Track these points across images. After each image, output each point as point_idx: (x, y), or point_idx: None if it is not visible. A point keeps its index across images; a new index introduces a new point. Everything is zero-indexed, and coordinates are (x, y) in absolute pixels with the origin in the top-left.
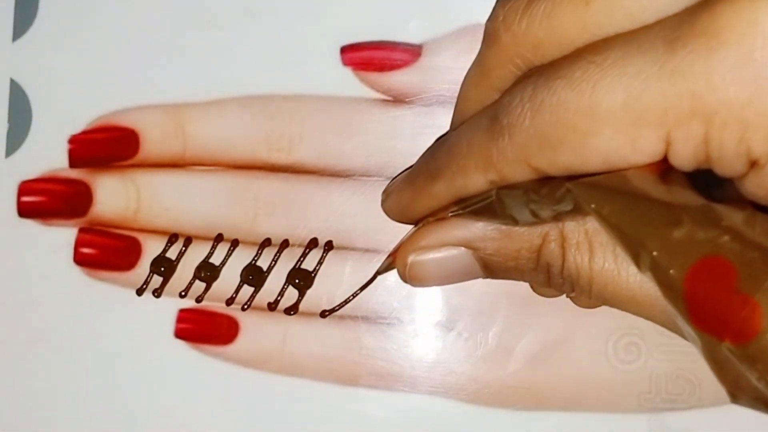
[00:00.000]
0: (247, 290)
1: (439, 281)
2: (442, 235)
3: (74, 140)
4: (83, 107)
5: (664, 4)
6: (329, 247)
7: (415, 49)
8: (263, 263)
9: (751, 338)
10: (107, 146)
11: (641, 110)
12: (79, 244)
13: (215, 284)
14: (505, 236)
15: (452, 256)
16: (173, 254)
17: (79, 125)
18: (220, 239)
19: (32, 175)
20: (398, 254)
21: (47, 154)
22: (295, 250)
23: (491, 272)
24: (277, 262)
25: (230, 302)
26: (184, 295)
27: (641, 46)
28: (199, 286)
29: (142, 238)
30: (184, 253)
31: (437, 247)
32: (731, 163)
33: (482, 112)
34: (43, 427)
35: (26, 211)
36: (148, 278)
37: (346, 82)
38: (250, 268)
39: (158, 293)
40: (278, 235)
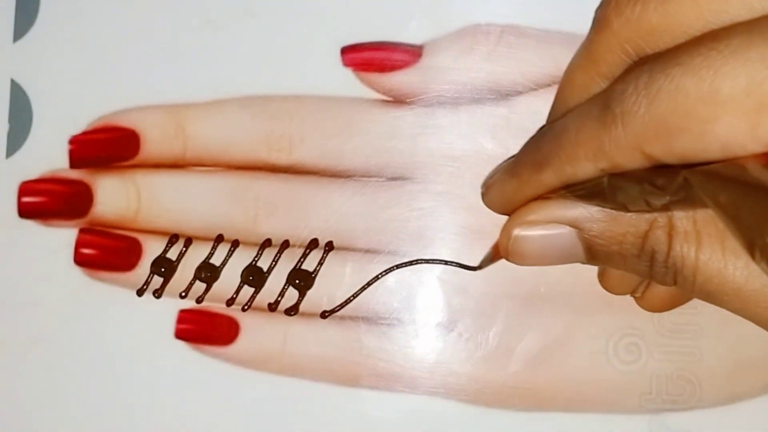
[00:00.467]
0: (247, 291)
1: (539, 259)
2: (550, 211)
3: (75, 141)
4: (84, 108)
5: None
6: (330, 247)
7: (415, 49)
8: (264, 264)
9: None
10: (108, 147)
11: (763, 96)
12: (79, 244)
13: (216, 285)
14: (612, 219)
15: (558, 234)
16: (174, 255)
17: (79, 126)
18: (220, 240)
19: (33, 175)
20: (504, 228)
21: (48, 154)
22: (295, 250)
23: (593, 255)
24: (277, 262)
25: (231, 303)
26: (184, 295)
27: (764, 33)
28: (199, 286)
29: (142, 238)
30: (184, 253)
31: (544, 222)
32: None
33: (591, 100)
34: (43, 427)
35: (27, 211)
36: (148, 279)
37: (346, 82)
38: (250, 268)
39: (159, 294)
40: (279, 235)
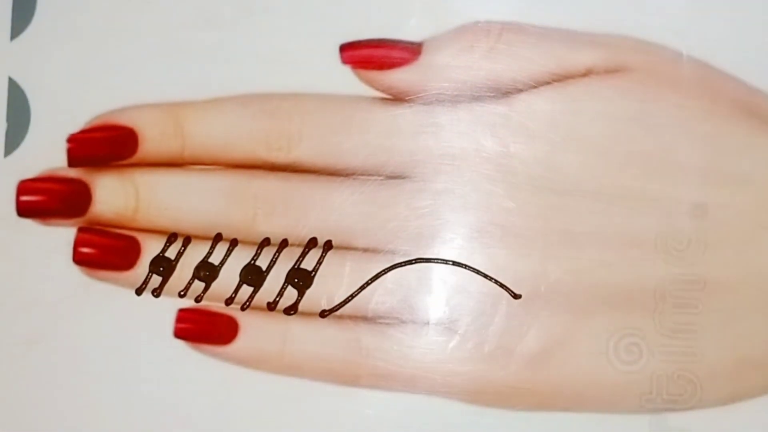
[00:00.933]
0: (246, 290)
1: None
2: None
3: (73, 139)
4: (82, 106)
5: None
6: (328, 246)
7: (415, 47)
8: (262, 263)
9: None
10: (106, 145)
11: None
12: (78, 243)
13: (214, 284)
14: None
15: None
16: (172, 254)
17: (77, 124)
18: (219, 239)
19: (31, 174)
20: None
21: (46, 153)
22: (294, 249)
23: None
24: (276, 261)
25: (229, 302)
26: (183, 294)
27: None
28: (198, 285)
29: (141, 237)
30: (183, 252)
31: None
32: None
33: None
34: (43, 426)
35: (25, 210)
36: (147, 278)
37: (345, 80)
38: (249, 267)
39: (157, 293)
40: (277, 234)
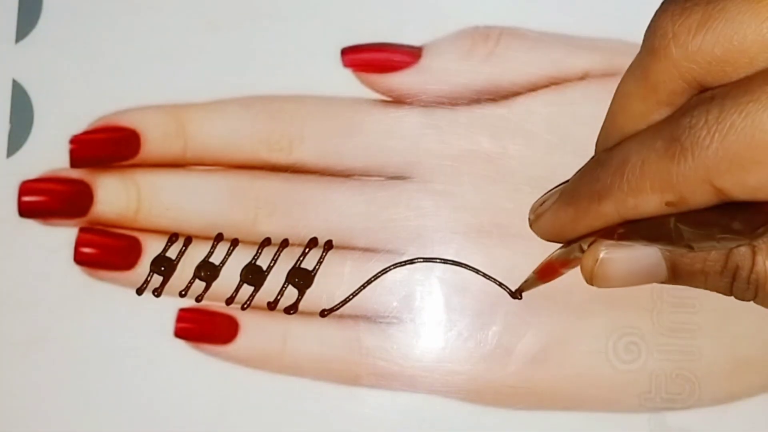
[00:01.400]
0: (246, 290)
1: (623, 281)
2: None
3: (75, 140)
4: (85, 107)
5: None
6: (329, 246)
7: (415, 51)
8: (263, 263)
9: None
10: (108, 146)
11: None
12: (79, 243)
13: (215, 284)
14: None
15: (643, 253)
16: (173, 254)
17: (80, 125)
18: (220, 239)
19: (33, 174)
20: (587, 253)
21: (48, 154)
22: (294, 249)
23: (676, 274)
24: (276, 261)
25: (230, 302)
26: (184, 294)
27: None
28: (199, 285)
29: (142, 237)
30: (184, 252)
31: (628, 246)
32: None
33: (654, 131)
34: (43, 426)
35: (27, 210)
36: (148, 278)
37: (346, 83)
38: (249, 267)
39: (158, 293)
40: (278, 234)
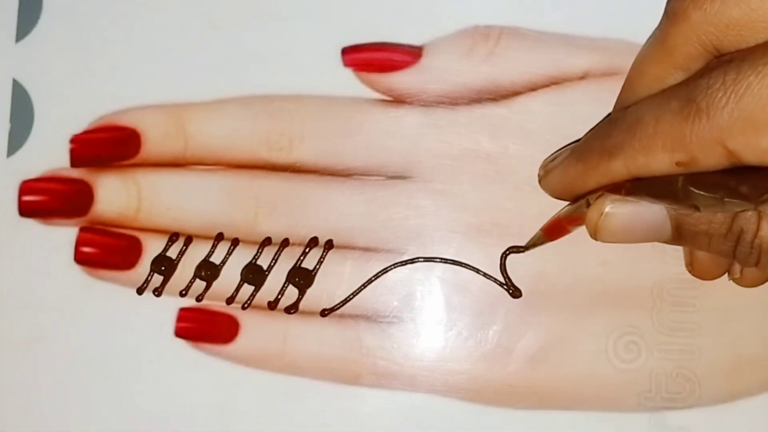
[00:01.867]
0: (247, 289)
1: (627, 236)
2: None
3: (76, 140)
4: (85, 107)
5: None
6: (329, 246)
7: (415, 50)
8: (263, 262)
9: None
10: (109, 146)
11: None
12: (79, 243)
13: (215, 283)
14: None
15: (649, 210)
16: (174, 253)
17: (80, 125)
18: (220, 238)
19: (33, 174)
20: (593, 204)
21: (49, 153)
22: (295, 249)
23: (680, 234)
24: (277, 261)
25: (230, 301)
26: (184, 294)
27: None
28: (199, 285)
29: (142, 237)
30: (184, 252)
31: (634, 201)
32: None
33: (670, 92)
34: (43, 426)
35: (27, 210)
36: (148, 277)
37: (347, 82)
38: (250, 267)
39: (159, 292)
40: (278, 234)
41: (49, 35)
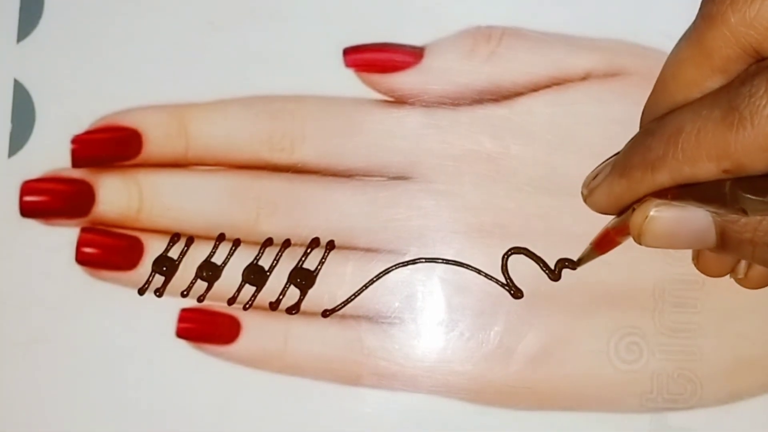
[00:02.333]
0: (248, 290)
1: (671, 240)
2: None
3: (77, 140)
4: (86, 107)
5: None
6: (331, 246)
7: (417, 51)
8: (265, 263)
9: None
10: (110, 146)
11: None
12: (81, 243)
13: (217, 284)
14: None
15: (694, 216)
16: (175, 254)
17: (82, 125)
18: (222, 239)
19: (35, 174)
20: (638, 208)
21: (50, 153)
22: (296, 249)
23: (724, 242)
24: (278, 261)
25: (232, 302)
26: (185, 294)
27: None
28: (200, 285)
29: (144, 237)
30: (185, 252)
31: (680, 206)
32: None
33: (710, 100)
34: (43, 426)
35: (28, 210)
36: (149, 278)
37: (348, 83)
38: (251, 267)
39: (160, 293)
40: (280, 234)
41: (50, 36)
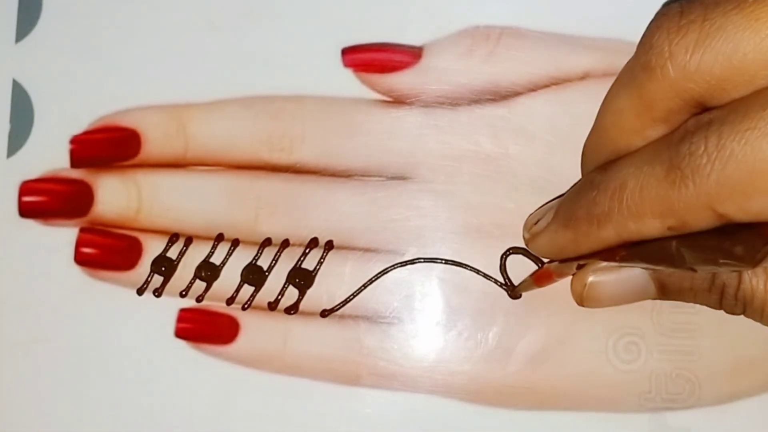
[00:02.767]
0: (247, 290)
1: (614, 301)
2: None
3: (76, 140)
4: (85, 107)
5: None
6: (330, 246)
7: (415, 50)
8: (264, 263)
9: None
10: (109, 146)
11: None
12: (79, 243)
13: (216, 284)
14: None
15: (631, 276)
16: (174, 254)
17: (80, 125)
18: (220, 239)
19: (34, 175)
20: (575, 277)
21: (49, 154)
22: (295, 249)
23: (666, 292)
24: (277, 261)
25: (231, 302)
26: (184, 294)
27: None
28: (199, 285)
29: (142, 237)
30: (184, 252)
31: (616, 268)
32: None
33: (650, 155)
34: (43, 426)
35: (27, 210)
36: (148, 278)
37: (347, 83)
38: (250, 267)
39: (159, 293)
40: (279, 234)
41: (49, 36)
